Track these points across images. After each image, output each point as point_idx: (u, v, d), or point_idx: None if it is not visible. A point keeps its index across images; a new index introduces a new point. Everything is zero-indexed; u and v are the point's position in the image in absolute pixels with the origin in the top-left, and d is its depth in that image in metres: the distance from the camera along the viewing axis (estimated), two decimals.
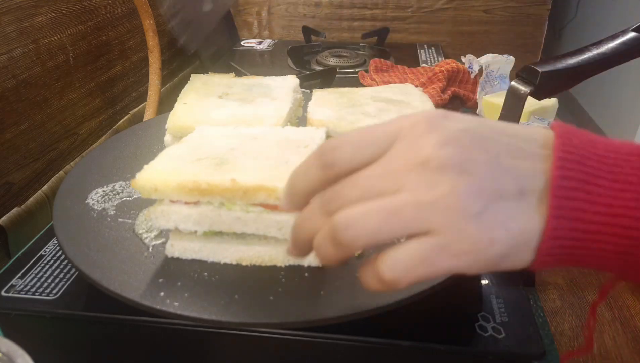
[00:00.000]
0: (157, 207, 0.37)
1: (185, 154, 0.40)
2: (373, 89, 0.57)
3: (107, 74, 0.79)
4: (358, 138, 0.25)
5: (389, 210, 0.23)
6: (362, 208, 0.24)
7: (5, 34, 0.57)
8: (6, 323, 0.39)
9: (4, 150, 0.58)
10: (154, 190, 0.36)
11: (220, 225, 0.37)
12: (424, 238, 0.23)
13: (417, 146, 0.24)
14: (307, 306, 0.34)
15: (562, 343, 0.45)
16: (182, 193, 0.36)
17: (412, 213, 0.23)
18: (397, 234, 0.24)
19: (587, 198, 0.23)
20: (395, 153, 0.24)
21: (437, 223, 0.23)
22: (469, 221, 0.23)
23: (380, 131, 0.25)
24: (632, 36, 0.46)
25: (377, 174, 0.24)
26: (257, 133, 0.44)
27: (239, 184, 0.35)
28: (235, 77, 0.61)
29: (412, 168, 0.23)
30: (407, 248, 0.24)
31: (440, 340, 0.35)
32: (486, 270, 0.24)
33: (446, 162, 0.23)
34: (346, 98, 0.54)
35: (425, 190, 0.23)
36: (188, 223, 0.37)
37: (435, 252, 0.23)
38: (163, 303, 0.33)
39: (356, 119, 0.48)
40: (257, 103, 0.54)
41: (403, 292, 0.34)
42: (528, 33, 1.19)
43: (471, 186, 0.23)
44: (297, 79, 0.60)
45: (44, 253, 0.44)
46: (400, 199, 0.23)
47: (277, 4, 1.21)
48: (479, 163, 0.23)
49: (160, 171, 0.37)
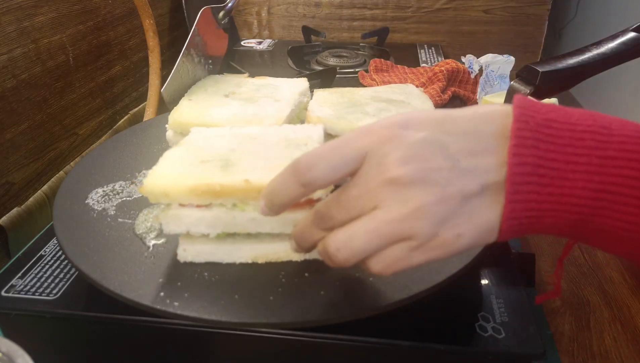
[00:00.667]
0: (168, 212, 0.36)
1: (186, 157, 0.39)
2: (374, 89, 0.57)
3: (107, 74, 0.79)
4: (330, 158, 0.28)
5: (371, 231, 0.27)
6: (348, 232, 0.28)
7: (5, 34, 0.57)
8: (6, 323, 0.39)
9: (4, 150, 0.58)
10: (164, 195, 0.35)
11: (234, 227, 0.37)
12: (402, 242, 0.27)
13: (384, 166, 0.27)
14: (307, 306, 0.34)
15: (562, 343, 0.45)
16: (194, 196, 0.35)
17: (389, 229, 0.27)
18: (380, 247, 0.28)
19: (540, 181, 0.26)
20: (366, 173, 0.28)
21: (412, 232, 0.27)
22: (437, 225, 0.27)
23: (350, 150, 0.28)
24: (632, 36, 0.46)
25: (355, 196, 0.28)
26: (255, 133, 0.43)
27: (252, 185, 0.35)
28: (248, 78, 0.61)
29: (383, 186, 0.27)
30: (389, 250, 0.28)
31: (440, 340, 0.35)
32: (459, 254, 0.29)
33: (411, 178, 0.26)
34: (347, 98, 0.54)
35: (397, 207, 0.27)
36: (200, 227, 0.36)
37: (412, 251, 0.27)
38: (163, 303, 0.33)
39: (356, 118, 0.48)
40: (260, 104, 0.54)
41: (403, 292, 0.34)
42: (528, 33, 1.19)
43: (437, 196, 0.26)
44: (307, 83, 0.60)
45: (44, 253, 0.44)
46: (378, 218, 0.27)
47: (277, 4, 1.21)
48: (441, 171, 0.27)
49: (167, 175, 0.37)
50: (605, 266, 0.55)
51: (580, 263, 0.56)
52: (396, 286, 0.34)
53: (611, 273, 0.54)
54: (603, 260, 0.57)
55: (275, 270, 0.37)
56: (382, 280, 0.35)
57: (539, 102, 0.27)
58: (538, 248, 0.59)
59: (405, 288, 0.34)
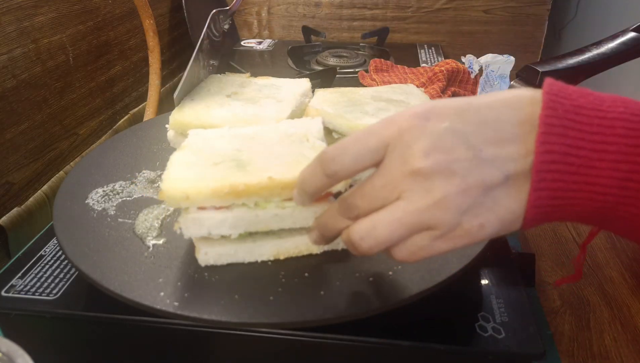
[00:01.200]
0: (187, 216, 0.36)
1: (195, 160, 0.39)
2: (374, 89, 0.57)
3: (107, 74, 0.79)
4: (353, 150, 0.29)
5: (394, 221, 0.28)
6: (371, 222, 0.28)
7: (5, 34, 0.57)
8: (6, 323, 0.39)
9: (4, 150, 0.58)
10: (184, 199, 0.35)
11: (257, 225, 0.37)
12: (425, 232, 0.28)
13: (406, 158, 0.27)
14: (307, 306, 0.34)
15: (562, 343, 0.45)
16: (217, 198, 0.35)
17: (413, 219, 0.27)
18: (403, 237, 0.28)
19: (567, 169, 0.25)
20: (389, 164, 0.28)
21: (434, 222, 0.27)
22: (460, 216, 0.27)
23: (372, 142, 0.28)
24: (632, 36, 0.46)
25: (379, 186, 0.28)
26: (253, 132, 0.43)
27: (276, 181, 0.35)
28: (251, 78, 0.61)
29: (406, 177, 0.27)
30: (412, 239, 0.28)
31: (440, 340, 0.35)
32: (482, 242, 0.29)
33: (434, 169, 0.26)
34: (347, 97, 0.54)
35: (420, 197, 0.27)
36: (223, 228, 0.36)
37: (435, 240, 0.28)
38: (163, 303, 0.33)
39: (354, 117, 0.48)
40: (260, 104, 0.54)
41: (403, 292, 0.34)
42: (528, 33, 1.19)
43: (459, 187, 0.26)
44: (309, 83, 0.60)
45: (44, 253, 0.44)
46: (401, 208, 0.27)
47: (277, 4, 1.21)
48: (463, 161, 0.26)
49: (185, 179, 0.36)
50: (605, 266, 0.55)
51: None
52: (396, 286, 0.35)
53: (611, 273, 0.54)
54: (603, 260, 0.57)
55: (275, 270, 0.37)
56: (382, 280, 0.35)
57: (569, 87, 0.27)
58: (538, 248, 0.59)
59: (405, 288, 0.34)
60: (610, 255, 0.57)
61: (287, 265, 0.38)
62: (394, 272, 0.36)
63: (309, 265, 0.38)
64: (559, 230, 0.62)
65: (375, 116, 0.48)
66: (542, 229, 0.62)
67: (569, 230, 0.62)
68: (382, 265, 0.37)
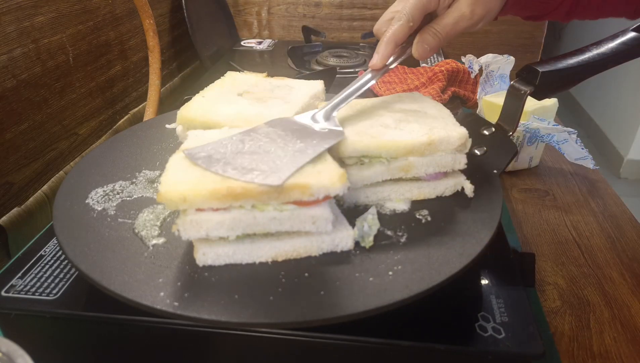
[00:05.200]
0: (185, 218, 0.36)
1: (193, 162, 0.39)
2: (380, 99, 0.55)
3: (107, 74, 0.79)
4: None
5: None
6: None
7: (5, 34, 0.57)
8: (6, 323, 0.39)
9: (4, 150, 0.58)
10: (182, 201, 0.35)
11: (254, 227, 0.37)
12: None
13: None
14: (307, 306, 0.34)
15: (562, 343, 0.45)
16: (215, 200, 0.35)
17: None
18: None
19: None
20: None
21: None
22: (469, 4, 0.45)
23: None
24: (632, 36, 0.46)
25: None
26: (252, 132, 0.43)
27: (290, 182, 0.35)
28: (267, 77, 0.61)
29: None
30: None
31: (440, 340, 0.35)
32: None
33: None
34: (355, 110, 0.51)
35: None
36: (221, 230, 0.36)
37: None
38: (163, 303, 0.33)
39: (378, 133, 0.45)
40: (268, 104, 0.54)
41: (403, 292, 0.34)
42: (528, 33, 1.19)
43: None
44: (322, 85, 0.59)
45: (44, 253, 0.44)
46: None
47: (277, 4, 1.21)
48: None
49: (183, 181, 0.36)
50: (605, 266, 0.55)
51: (581, 263, 0.56)
52: (396, 286, 0.35)
53: (611, 273, 0.54)
54: (603, 260, 0.57)
55: (275, 270, 0.37)
56: (382, 280, 0.35)
57: None
58: (538, 248, 0.59)
59: (405, 288, 0.34)
60: (610, 255, 0.57)
61: (287, 265, 0.38)
62: (394, 272, 0.36)
63: (308, 265, 0.38)
64: (559, 229, 0.62)
65: (397, 128, 0.45)
66: (542, 229, 0.62)
67: (569, 230, 0.62)
68: (382, 265, 0.37)
